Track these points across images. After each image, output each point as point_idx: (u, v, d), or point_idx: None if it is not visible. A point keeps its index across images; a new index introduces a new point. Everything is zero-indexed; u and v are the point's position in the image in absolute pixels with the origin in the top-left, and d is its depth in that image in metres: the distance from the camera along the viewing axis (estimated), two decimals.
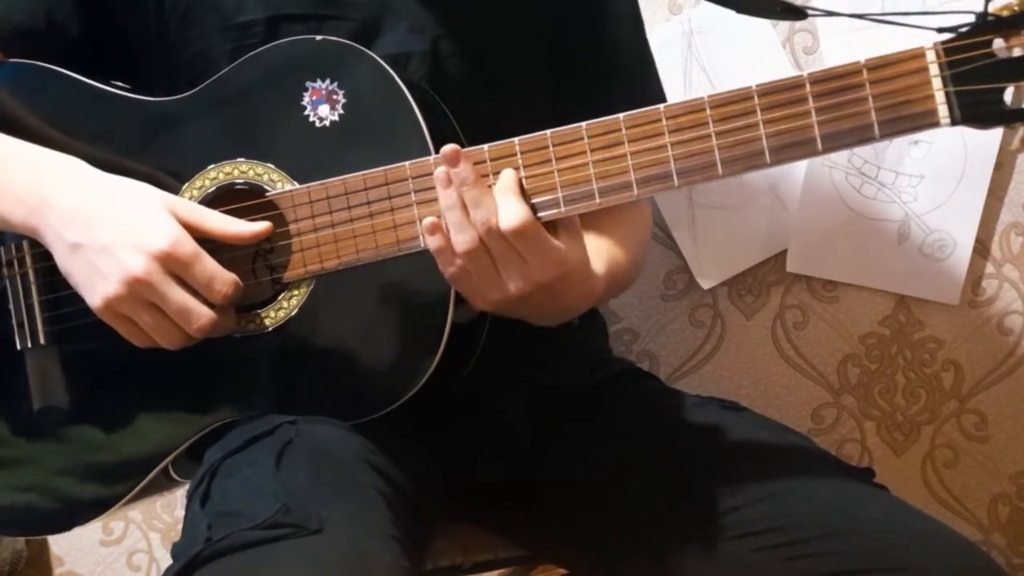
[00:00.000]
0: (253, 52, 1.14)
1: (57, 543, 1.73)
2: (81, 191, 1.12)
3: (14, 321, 1.19)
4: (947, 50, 0.98)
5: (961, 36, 0.98)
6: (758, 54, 1.60)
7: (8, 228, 1.15)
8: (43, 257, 1.16)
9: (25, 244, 1.19)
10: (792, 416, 1.67)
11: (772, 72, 1.60)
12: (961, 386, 1.68)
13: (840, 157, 1.60)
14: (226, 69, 1.15)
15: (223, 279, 1.09)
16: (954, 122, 0.99)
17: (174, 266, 1.07)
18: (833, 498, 1.09)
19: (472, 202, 1.04)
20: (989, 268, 1.64)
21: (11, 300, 1.20)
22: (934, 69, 0.99)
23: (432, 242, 1.06)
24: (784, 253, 1.65)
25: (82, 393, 1.19)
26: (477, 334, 1.16)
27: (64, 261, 1.11)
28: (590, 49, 1.29)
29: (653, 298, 1.67)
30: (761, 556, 1.07)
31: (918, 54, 0.99)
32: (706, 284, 1.66)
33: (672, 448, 1.17)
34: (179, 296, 1.08)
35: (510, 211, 1.03)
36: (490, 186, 1.05)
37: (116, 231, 1.08)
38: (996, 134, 1.56)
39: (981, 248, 1.63)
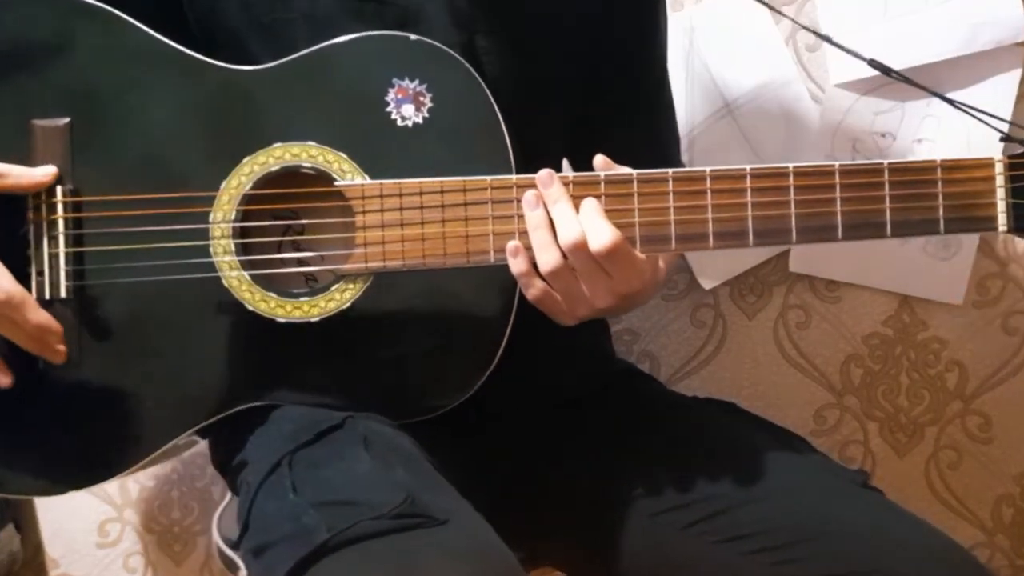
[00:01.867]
0: (340, 39, 1.12)
1: (53, 546, 1.72)
2: None
3: (33, 269, 1.12)
4: (1011, 164, 1.06)
5: None
6: (761, 51, 1.59)
7: None
8: (75, 207, 1.12)
9: (58, 189, 1.12)
10: (794, 417, 1.66)
11: (774, 70, 1.62)
12: (965, 387, 1.67)
13: (844, 153, 1.59)
14: (307, 51, 1.13)
15: None
16: (1008, 230, 1.06)
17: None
18: (823, 501, 1.09)
19: (560, 221, 1.06)
20: (994, 268, 1.63)
21: (32, 246, 1.12)
22: (1000, 180, 1.05)
23: (515, 265, 1.08)
24: (786, 253, 1.64)
25: (99, 355, 1.14)
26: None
27: None
28: (636, 78, 1.30)
29: (654, 298, 1.66)
30: (748, 561, 1.08)
31: (987, 163, 1.06)
32: (708, 284, 1.65)
33: (668, 450, 1.17)
34: None
35: (602, 232, 1.05)
36: None
37: None
38: (996, 136, 1.55)
39: (986, 247, 1.62)
